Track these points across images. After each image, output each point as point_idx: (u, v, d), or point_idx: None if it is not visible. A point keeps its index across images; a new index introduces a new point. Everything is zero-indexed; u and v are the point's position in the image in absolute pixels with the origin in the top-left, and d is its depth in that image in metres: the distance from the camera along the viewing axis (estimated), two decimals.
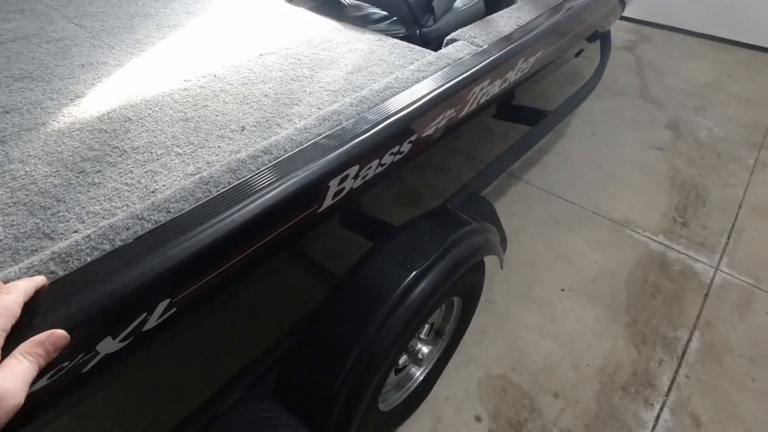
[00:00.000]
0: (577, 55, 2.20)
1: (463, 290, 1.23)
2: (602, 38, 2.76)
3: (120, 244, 0.61)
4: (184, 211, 0.67)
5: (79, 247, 0.59)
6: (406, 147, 1.02)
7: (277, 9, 1.56)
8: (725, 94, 2.96)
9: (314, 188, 0.80)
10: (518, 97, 2.04)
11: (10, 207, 0.72)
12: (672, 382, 1.44)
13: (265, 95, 1.07)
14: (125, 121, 0.95)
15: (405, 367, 1.29)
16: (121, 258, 0.59)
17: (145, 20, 1.42)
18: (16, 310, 0.50)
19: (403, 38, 1.32)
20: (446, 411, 1.38)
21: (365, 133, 0.88)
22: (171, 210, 0.67)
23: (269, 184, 0.74)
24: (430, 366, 1.34)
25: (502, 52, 1.21)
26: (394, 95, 1.01)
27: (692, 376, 1.45)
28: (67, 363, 0.55)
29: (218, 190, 0.72)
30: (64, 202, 0.74)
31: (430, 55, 1.22)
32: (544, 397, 1.41)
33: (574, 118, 2.73)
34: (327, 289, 1.08)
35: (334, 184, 0.85)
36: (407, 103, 0.97)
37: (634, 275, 1.79)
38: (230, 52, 1.27)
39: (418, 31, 1.32)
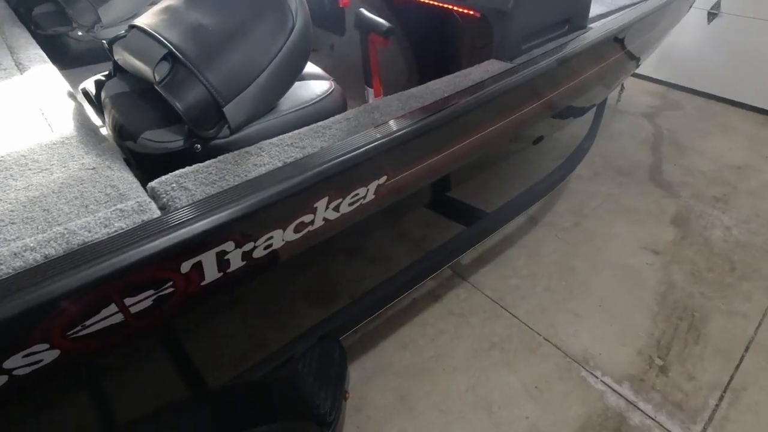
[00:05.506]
0: (536, 142, 1.80)
1: None
2: (597, 108, 2.34)
3: None
4: None
5: None
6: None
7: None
8: (758, 181, 2.42)
9: None
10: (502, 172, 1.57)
11: None
12: None
13: None
14: None
15: None
16: None
17: None
18: None
19: (178, 153, 0.94)
20: None
21: None
22: None
23: None
24: None
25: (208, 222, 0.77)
26: None
27: None
28: None
29: None
30: None
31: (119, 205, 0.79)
32: None
33: (558, 201, 2.30)
34: None
35: None
36: None
37: None
38: None
39: (199, 146, 0.96)
